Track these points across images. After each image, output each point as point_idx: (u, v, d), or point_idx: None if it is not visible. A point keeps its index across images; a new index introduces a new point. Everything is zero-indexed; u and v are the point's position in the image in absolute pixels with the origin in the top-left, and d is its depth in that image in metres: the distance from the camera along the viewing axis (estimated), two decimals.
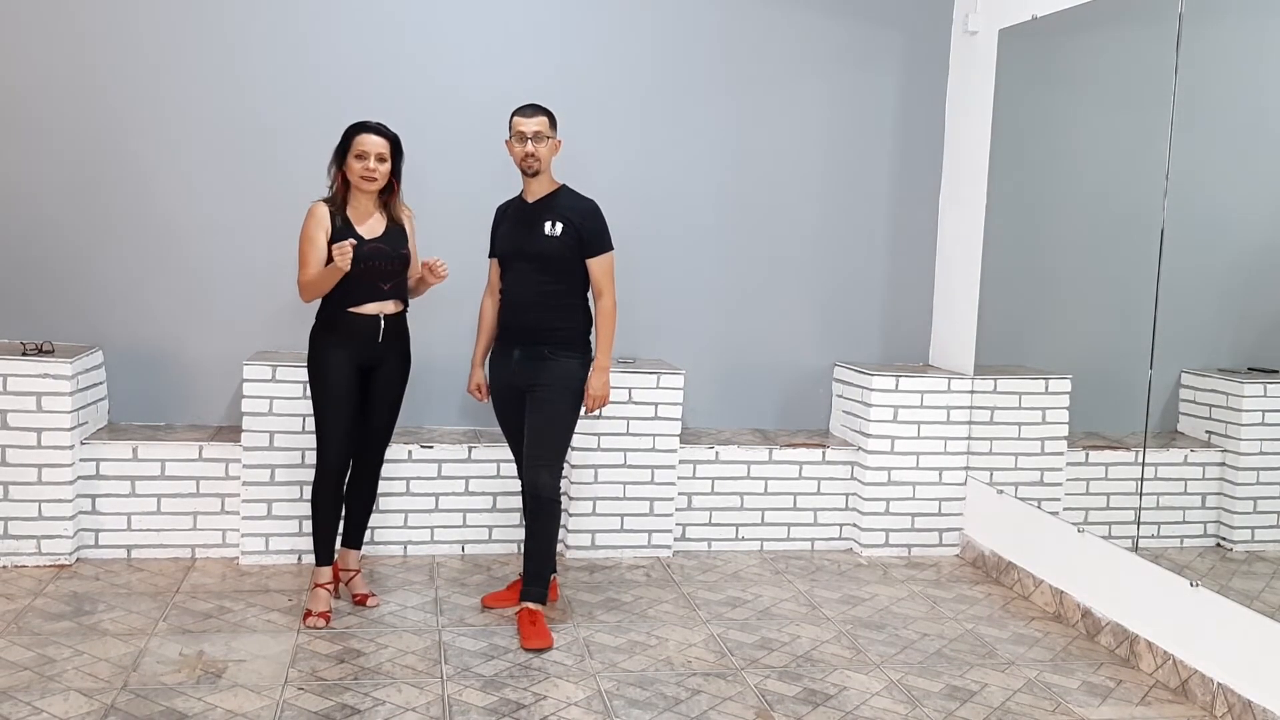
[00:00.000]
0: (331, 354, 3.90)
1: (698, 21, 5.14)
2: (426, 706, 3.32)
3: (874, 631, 4.11)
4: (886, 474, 5.03)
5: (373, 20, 4.86)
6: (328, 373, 3.90)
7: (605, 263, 4.00)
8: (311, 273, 3.83)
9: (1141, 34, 4.19)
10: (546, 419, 3.96)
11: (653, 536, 4.88)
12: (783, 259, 5.32)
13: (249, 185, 4.83)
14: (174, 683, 3.40)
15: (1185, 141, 3.85)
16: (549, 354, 3.96)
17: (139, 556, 4.50)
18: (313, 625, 3.88)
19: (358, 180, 3.87)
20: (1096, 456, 4.34)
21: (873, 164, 5.36)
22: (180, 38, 4.73)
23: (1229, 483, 3.97)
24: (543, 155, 3.94)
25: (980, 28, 5.10)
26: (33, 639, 3.67)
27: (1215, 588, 3.61)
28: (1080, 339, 4.62)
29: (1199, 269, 4.02)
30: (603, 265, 3.99)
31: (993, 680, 3.72)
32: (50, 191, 4.70)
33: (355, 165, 3.86)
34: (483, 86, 4.90)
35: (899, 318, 5.45)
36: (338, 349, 3.90)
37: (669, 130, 5.15)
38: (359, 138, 3.86)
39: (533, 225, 3.97)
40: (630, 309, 5.14)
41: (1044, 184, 4.76)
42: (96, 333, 4.75)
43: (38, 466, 4.31)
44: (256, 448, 4.50)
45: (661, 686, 3.55)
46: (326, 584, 4.03)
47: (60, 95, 4.67)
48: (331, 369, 3.90)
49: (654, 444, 4.84)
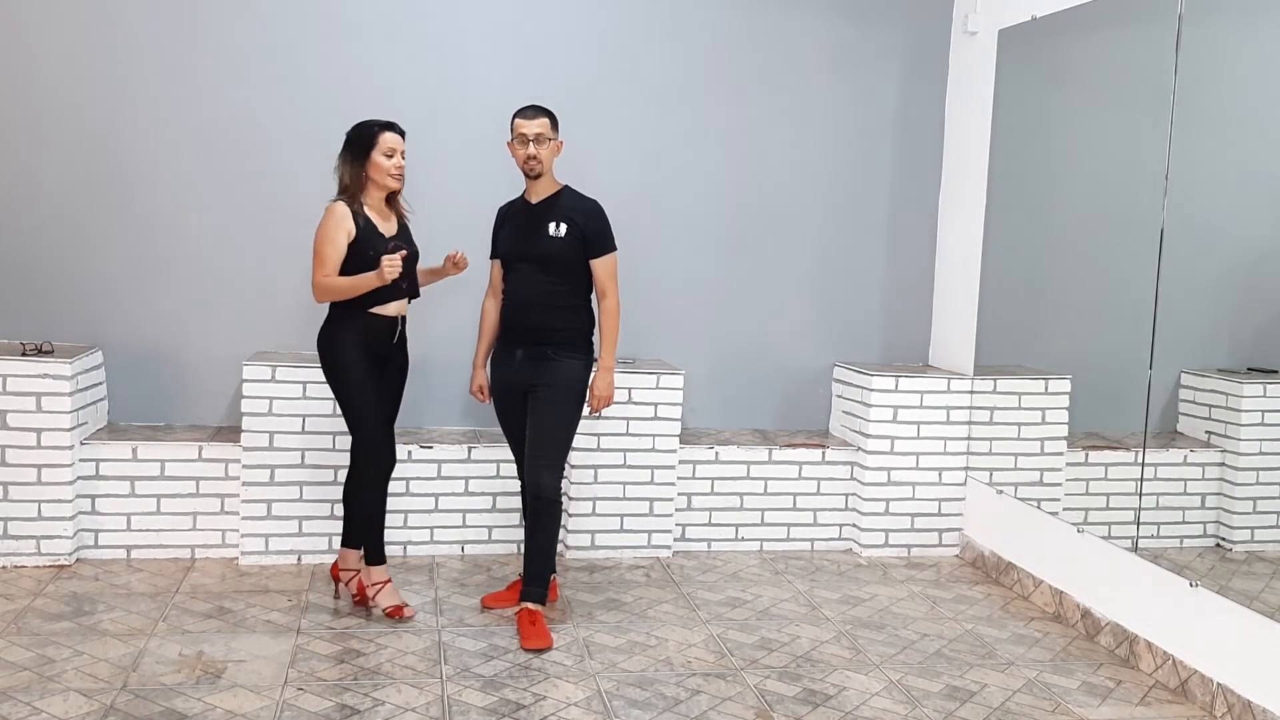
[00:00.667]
0: (354, 353, 3.87)
1: (698, 22, 5.14)
2: (426, 707, 3.32)
3: (874, 632, 4.11)
4: (886, 474, 5.03)
5: (373, 21, 4.86)
6: (352, 368, 3.88)
7: (609, 263, 4.01)
8: (331, 273, 3.78)
9: (1141, 34, 4.19)
10: (549, 419, 3.96)
11: (652, 537, 4.88)
12: (783, 259, 5.32)
13: (248, 185, 4.82)
14: (173, 683, 3.40)
15: (1185, 141, 3.85)
16: (552, 354, 3.96)
17: (139, 557, 4.50)
18: (410, 616, 3.98)
19: (386, 178, 3.86)
20: (1096, 457, 4.34)
21: (873, 164, 5.36)
22: (180, 38, 4.73)
23: (1228, 483, 3.97)
24: (544, 157, 3.94)
25: (980, 28, 5.10)
26: (32, 639, 3.67)
27: (1215, 588, 3.61)
28: (1080, 339, 4.62)
29: (1199, 269, 4.02)
30: (606, 266, 4.00)
31: (992, 680, 3.72)
32: (50, 192, 4.70)
33: (385, 163, 3.84)
34: (484, 87, 4.90)
35: (899, 318, 5.45)
36: (357, 348, 3.87)
37: (669, 131, 5.15)
38: (385, 135, 3.85)
39: (537, 226, 3.97)
40: (631, 309, 5.12)
41: (1044, 184, 4.75)
42: (96, 333, 4.75)
43: (37, 467, 4.31)
44: (256, 448, 4.50)
45: (661, 687, 3.55)
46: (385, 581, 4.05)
47: (60, 96, 4.67)
48: (354, 365, 3.87)
49: (654, 444, 4.84)
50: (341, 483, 4.51)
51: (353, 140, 3.88)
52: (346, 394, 3.91)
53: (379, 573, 4.02)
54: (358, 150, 3.86)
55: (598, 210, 4.01)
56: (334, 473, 4.53)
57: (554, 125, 3.98)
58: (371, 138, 3.86)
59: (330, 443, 4.53)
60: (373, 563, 4.02)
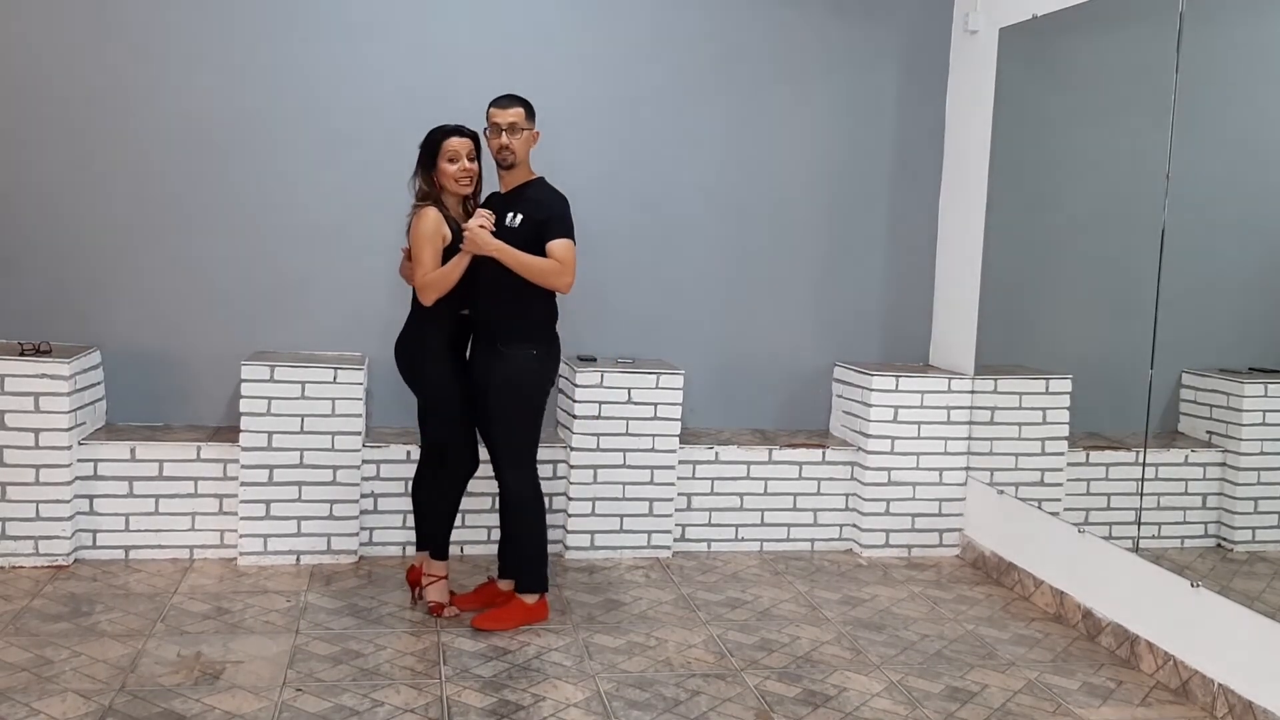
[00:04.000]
0: (440, 355, 3.94)
1: (698, 21, 5.13)
2: (425, 708, 3.31)
3: (874, 632, 4.10)
4: (886, 474, 5.02)
5: (372, 22, 4.85)
6: (438, 370, 3.95)
7: (559, 247, 3.80)
8: (433, 270, 3.80)
9: (1141, 34, 4.19)
10: (502, 423, 3.93)
11: (652, 537, 4.87)
12: (783, 259, 5.31)
13: (248, 185, 4.81)
14: (172, 684, 3.39)
15: (1185, 141, 3.84)
16: (501, 347, 3.89)
17: (137, 557, 4.49)
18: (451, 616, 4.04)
19: (454, 184, 3.87)
20: (1097, 457, 4.33)
21: (873, 163, 5.35)
22: (179, 38, 4.72)
23: (1230, 483, 3.96)
24: (517, 148, 3.87)
25: (980, 27, 5.09)
26: (30, 640, 3.66)
27: (1216, 588, 3.60)
28: (1080, 339, 4.61)
29: (1199, 269, 4.01)
30: (556, 249, 3.81)
31: (993, 681, 3.71)
32: (49, 192, 4.68)
33: (450, 168, 3.85)
34: (476, 88, 4.87)
35: (899, 318, 5.44)
36: (444, 350, 3.95)
37: (668, 130, 5.14)
38: (447, 141, 3.85)
39: (500, 218, 3.88)
40: (630, 309, 5.15)
41: (1044, 184, 4.75)
42: (94, 333, 4.74)
43: (35, 467, 4.30)
44: (254, 448, 4.48)
45: (661, 687, 3.54)
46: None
47: (59, 95, 4.65)
48: (441, 367, 3.95)
49: (653, 444, 4.83)
50: (339, 483, 4.53)
51: (422, 150, 3.91)
52: (433, 393, 3.96)
53: (439, 567, 4.07)
54: (426, 160, 3.89)
55: (557, 198, 3.89)
56: (332, 473, 4.52)
57: (529, 115, 3.90)
58: (434, 145, 3.87)
59: (329, 443, 4.52)
60: (436, 556, 4.08)
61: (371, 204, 4.77)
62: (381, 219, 4.61)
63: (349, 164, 4.85)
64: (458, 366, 3.99)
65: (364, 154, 4.83)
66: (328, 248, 4.88)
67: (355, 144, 4.84)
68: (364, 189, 4.82)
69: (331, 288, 4.89)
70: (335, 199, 4.86)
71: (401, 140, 3.97)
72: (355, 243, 4.87)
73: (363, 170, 4.83)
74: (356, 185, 4.85)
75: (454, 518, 4.12)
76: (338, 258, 4.88)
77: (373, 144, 4.80)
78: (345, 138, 4.84)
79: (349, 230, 4.87)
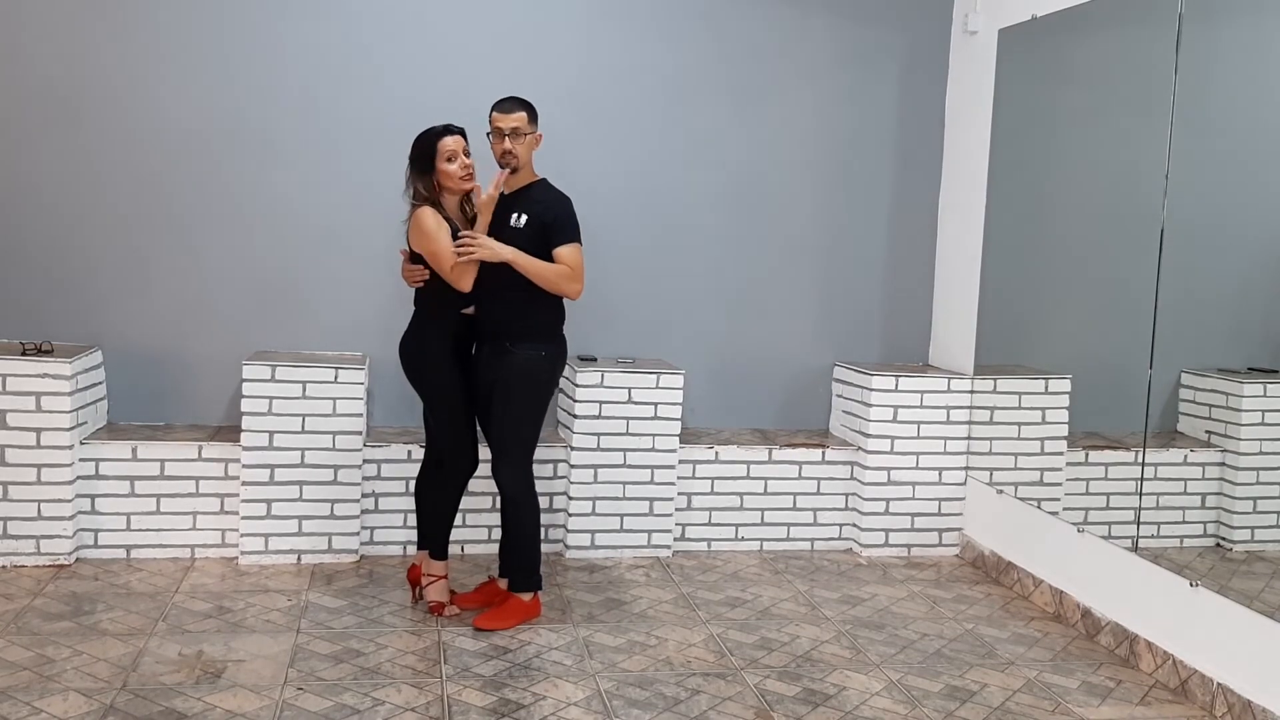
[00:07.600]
0: (444, 356, 3.95)
1: (697, 22, 5.13)
2: (426, 707, 3.32)
3: (873, 631, 4.10)
4: (886, 474, 5.03)
5: (372, 23, 4.85)
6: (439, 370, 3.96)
7: (568, 253, 3.86)
8: (454, 258, 3.79)
9: (1141, 34, 4.19)
10: (505, 415, 3.93)
11: (652, 536, 4.87)
12: (782, 259, 5.31)
13: (248, 185, 4.82)
14: (173, 683, 3.40)
15: (1185, 141, 3.84)
16: (510, 346, 3.89)
17: (138, 556, 4.50)
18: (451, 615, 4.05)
19: (457, 182, 3.87)
20: (1096, 456, 4.33)
21: (872, 164, 5.36)
22: (180, 38, 4.73)
23: (1229, 483, 3.96)
24: (520, 152, 3.88)
25: (980, 27, 5.09)
26: (32, 639, 3.67)
27: (1215, 588, 3.61)
28: (1080, 339, 4.62)
29: (1199, 269, 4.02)
30: (565, 255, 3.86)
31: (992, 680, 3.71)
32: (49, 191, 4.69)
33: (450, 168, 3.85)
34: (477, 88, 4.88)
35: (899, 318, 5.45)
36: (447, 350, 3.96)
37: (669, 131, 5.15)
38: (442, 141, 3.85)
39: (503, 219, 3.89)
40: (630, 309, 5.15)
41: (1044, 184, 4.75)
42: (95, 332, 4.74)
43: (37, 466, 4.31)
44: (256, 447, 4.49)
45: (661, 686, 3.54)
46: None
47: (60, 95, 4.66)
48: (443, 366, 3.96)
49: (654, 444, 4.84)
50: (340, 482, 4.53)
51: (415, 155, 3.89)
52: (432, 394, 3.97)
53: (439, 567, 4.08)
54: (423, 164, 3.87)
55: (562, 200, 3.91)
56: (333, 472, 4.53)
57: (532, 118, 3.91)
58: (430, 147, 3.86)
59: (330, 442, 4.53)
60: (435, 557, 4.09)
61: (372, 204, 4.77)
62: (383, 219, 4.62)
63: (350, 164, 4.86)
64: (460, 367, 4.00)
65: (365, 154, 4.83)
66: (329, 247, 4.88)
67: (356, 144, 4.85)
68: (365, 189, 4.82)
69: (333, 287, 4.89)
70: (336, 199, 4.87)
71: (403, 140, 3.97)
72: (357, 242, 4.87)
73: (364, 170, 4.83)
74: (358, 185, 4.85)
75: (453, 518, 4.13)
76: (339, 257, 4.89)
77: (374, 144, 4.79)
78: (346, 137, 4.85)
79: (350, 230, 4.88)
